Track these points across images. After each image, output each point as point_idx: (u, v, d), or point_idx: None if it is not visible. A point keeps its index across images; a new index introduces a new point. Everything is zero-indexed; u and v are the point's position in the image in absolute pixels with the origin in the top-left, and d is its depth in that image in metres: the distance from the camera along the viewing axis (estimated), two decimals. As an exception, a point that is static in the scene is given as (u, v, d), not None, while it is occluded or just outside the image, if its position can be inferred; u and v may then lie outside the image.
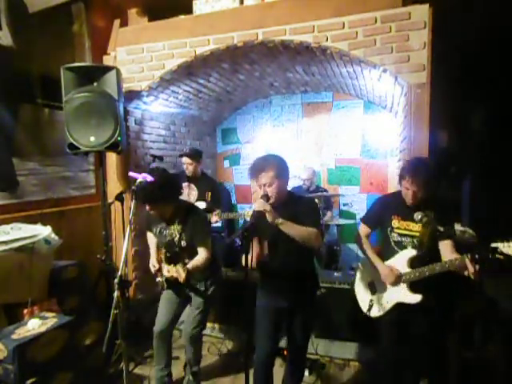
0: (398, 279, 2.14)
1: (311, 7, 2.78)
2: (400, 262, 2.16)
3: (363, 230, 2.38)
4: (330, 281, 3.09)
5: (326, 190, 4.33)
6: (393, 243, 2.20)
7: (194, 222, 2.38)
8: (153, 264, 2.46)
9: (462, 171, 3.87)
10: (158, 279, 2.47)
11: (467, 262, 1.88)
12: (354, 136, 4.58)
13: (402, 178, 2.11)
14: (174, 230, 2.40)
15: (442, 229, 1.97)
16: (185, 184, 3.40)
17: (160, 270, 2.41)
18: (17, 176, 2.90)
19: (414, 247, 2.14)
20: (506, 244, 1.81)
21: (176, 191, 2.40)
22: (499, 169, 3.50)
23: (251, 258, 1.68)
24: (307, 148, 4.82)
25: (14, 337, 2.03)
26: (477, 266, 1.85)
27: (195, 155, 3.54)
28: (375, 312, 2.25)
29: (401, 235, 2.18)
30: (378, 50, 2.64)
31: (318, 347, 2.97)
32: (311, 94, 4.71)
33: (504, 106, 3.51)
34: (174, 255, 2.42)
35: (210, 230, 2.57)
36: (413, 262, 2.12)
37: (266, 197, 1.92)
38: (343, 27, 2.70)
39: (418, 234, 2.12)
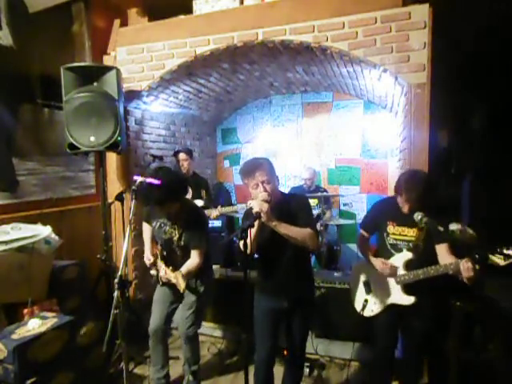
0: (393, 271, 2.17)
1: (311, 7, 2.78)
2: (396, 263, 2.19)
3: (362, 234, 2.43)
4: (329, 281, 3.09)
5: (326, 190, 4.33)
6: (389, 246, 2.24)
7: (195, 224, 2.39)
8: (148, 258, 2.48)
9: (462, 171, 3.87)
10: (152, 272, 2.49)
11: (461, 267, 1.88)
12: (354, 136, 4.58)
13: (397, 193, 2.12)
14: (175, 229, 2.40)
15: (441, 228, 1.97)
16: None
17: (155, 263, 2.42)
18: (17, 176, 2.90)
19: (409, 250, 2.18)
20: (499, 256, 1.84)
21: (182, 190, 2.41)
22: (499, 169, 3.50)
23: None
24: (307, 148, 4.82)
25: (14, 337, 2.03)
26: (472, 271, 1.85)
27: (190, 152, 3.73)
28: (368, 312, 2.30)
29: (396, 239, 2.22)
30: (378, 50, 2.64)
31: (317, 347, 2.97)
32: (311, 94, 4.71)
33: (504, 106, 3.51)
34: (171, 253, 2.44)
35: (208, 235, 2.55)
36: (408, 265, 2.16)
37: (267, 193, 1.90)
38: (343, 27, 2.70)
39: (412, 238, 2.16)
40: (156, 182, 2.14)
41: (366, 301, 2.30)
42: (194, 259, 2.36)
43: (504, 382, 2.42)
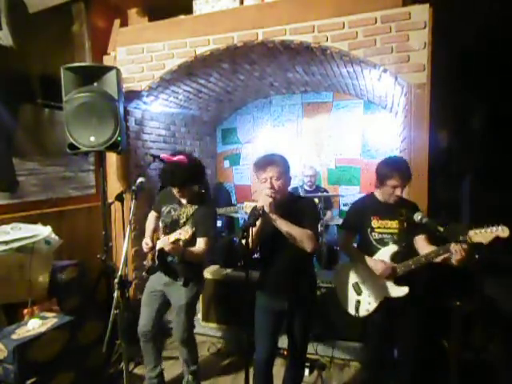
0: (393, 271, 2.15)
1: (311, 7, 2.78)
2: (383, 258, 2.19)
3: (345, 236, 2.38)
4: (329, 281, 3.09)
5: (326, 190, 4.33)
6: (374, 242, 2.23)
7: (205, 212, 2.38)
8: (146, 242, 2.40)
9: (462, 171, 3.87)
10: (145, 263, 2.45)
11: (452, 248, 1.92)
12: (354, 136, 4.58)
13: (387, 177, 2.14)
14: (184, 213, 2.39)
15: (441, 229, 1.97)
16: None
17: (153, 248, 2.36)
18: (17, 176, 2.90)
19: (394, 243, 2.19)
20: (477, 231, 1.87)
21: (203, 172, 2.45)
22: (499, 169, 3.50)
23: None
24: (307, 148, 4.82)
25: (14, 337, 2.03)
26: (464, 252, 1.88)
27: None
28: (364, 312, 2.27)
29: (381, 233, 2.22)
30: (378, 50, 2.64)
31: (317, 347, 2.97)
32: (311, 94, 4.71)
33: (504, 106, 3.51)
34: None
35: (216, 226, 2.54)
36: (394, 258, 2.17)
37: (272, 189, 1.91)
38: (343, 27, 2.70)
39: (395, 230, 2.19)
40: (183, 158, 2.22)
41: (358, 302, 2.27)
42: (199, 245, 2.33)
43: (504, 382, 2.42)
